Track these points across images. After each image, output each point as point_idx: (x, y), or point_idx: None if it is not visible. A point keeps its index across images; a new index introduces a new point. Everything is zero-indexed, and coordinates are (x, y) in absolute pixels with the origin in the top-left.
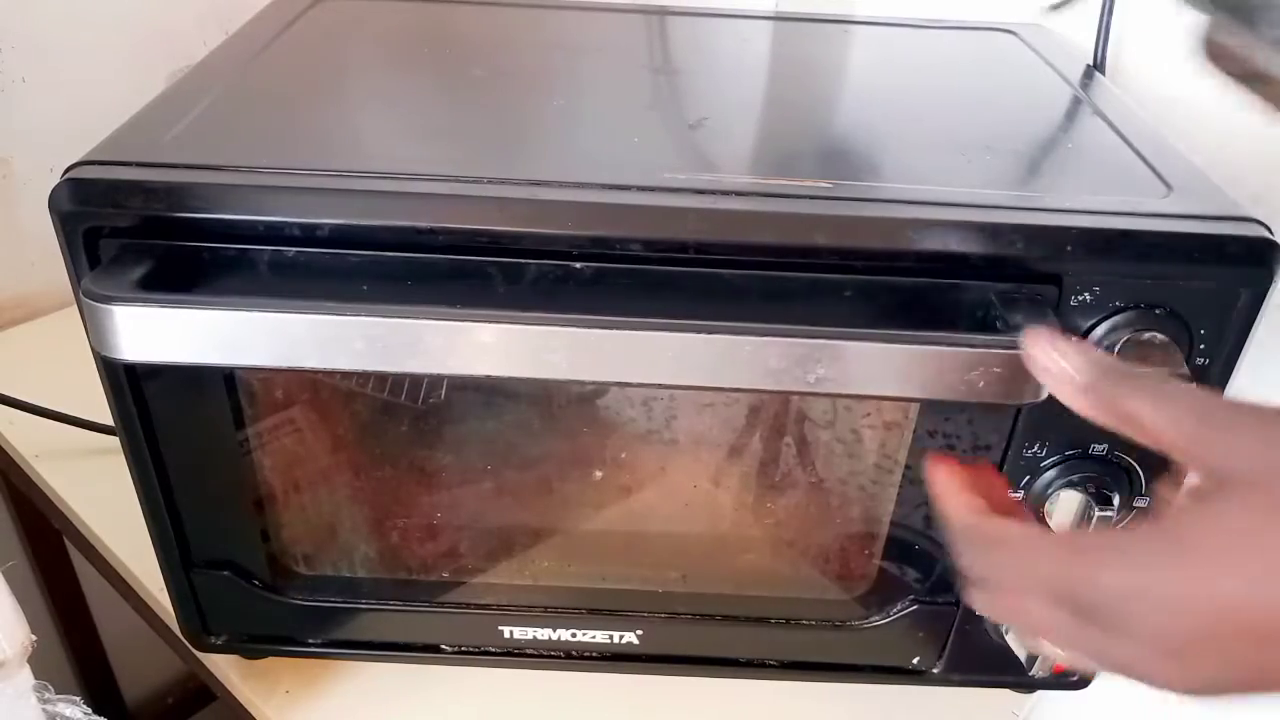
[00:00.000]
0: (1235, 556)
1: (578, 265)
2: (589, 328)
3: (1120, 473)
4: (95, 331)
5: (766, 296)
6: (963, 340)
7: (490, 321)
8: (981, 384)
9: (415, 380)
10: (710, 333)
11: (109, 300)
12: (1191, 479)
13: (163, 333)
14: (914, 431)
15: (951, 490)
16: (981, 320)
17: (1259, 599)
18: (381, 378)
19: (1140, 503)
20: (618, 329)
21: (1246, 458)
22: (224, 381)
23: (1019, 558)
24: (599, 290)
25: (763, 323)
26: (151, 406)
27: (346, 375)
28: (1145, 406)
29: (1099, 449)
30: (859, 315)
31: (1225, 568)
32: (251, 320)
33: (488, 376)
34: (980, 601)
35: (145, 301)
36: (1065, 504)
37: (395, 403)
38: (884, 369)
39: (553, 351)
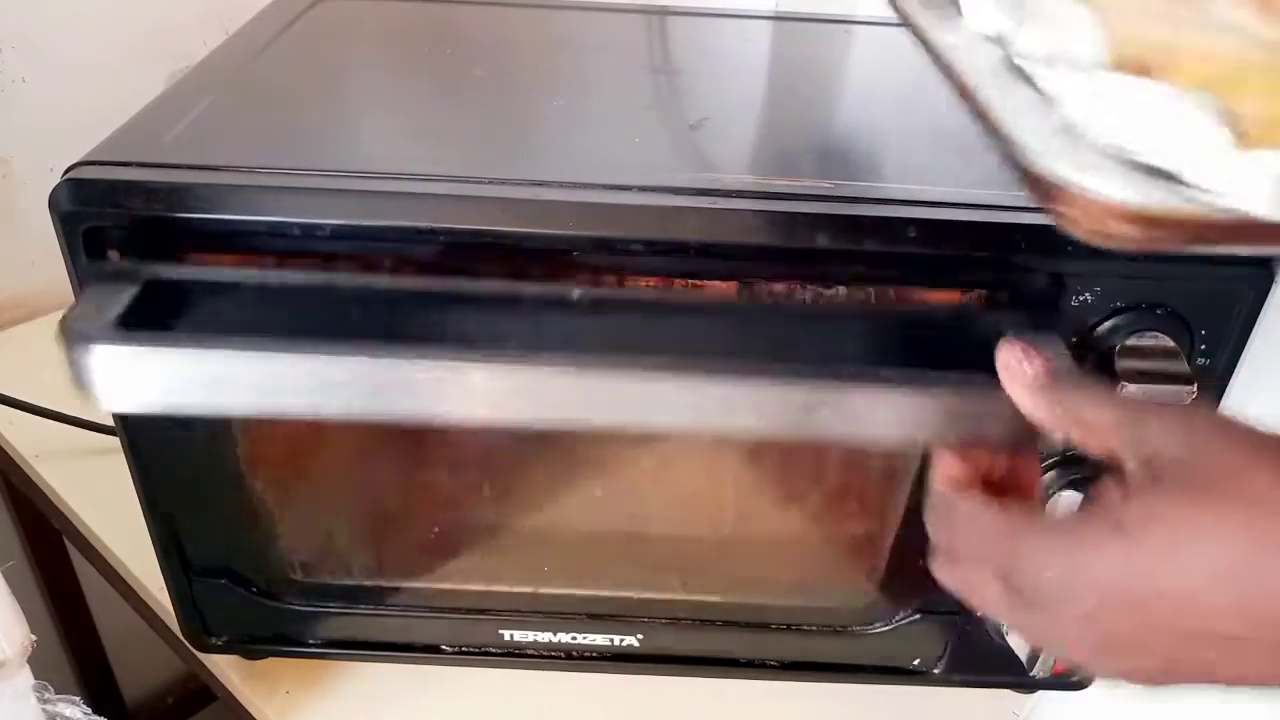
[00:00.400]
0: (1168, 547)
1: (575, 295)
2: (588, 372)
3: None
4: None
5: (765, 321)
6: (975, 385)
7: (484, 364)
8: (996, 430)
9: None
10: (713, 378)
11: (88, 341)
12: (1131, 473)
13: (140, 380)
14: None
15: (941, 461)
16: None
17: (1189, 591)
18: None
19: None
20: (620, 376)
21: (1175, 447)
22: None
23: (967, 531)
24: (595, 322)
25: (763, 354)
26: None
27: None
28: (1088, 407)
29: None
30: (866, 347)
31: (1159, 557)
32: (234, 363)
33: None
34: (936, 569)
35: (124, 341)
36: (1066, 504)
37: None
38: (892, 415)
39: (549, 396)
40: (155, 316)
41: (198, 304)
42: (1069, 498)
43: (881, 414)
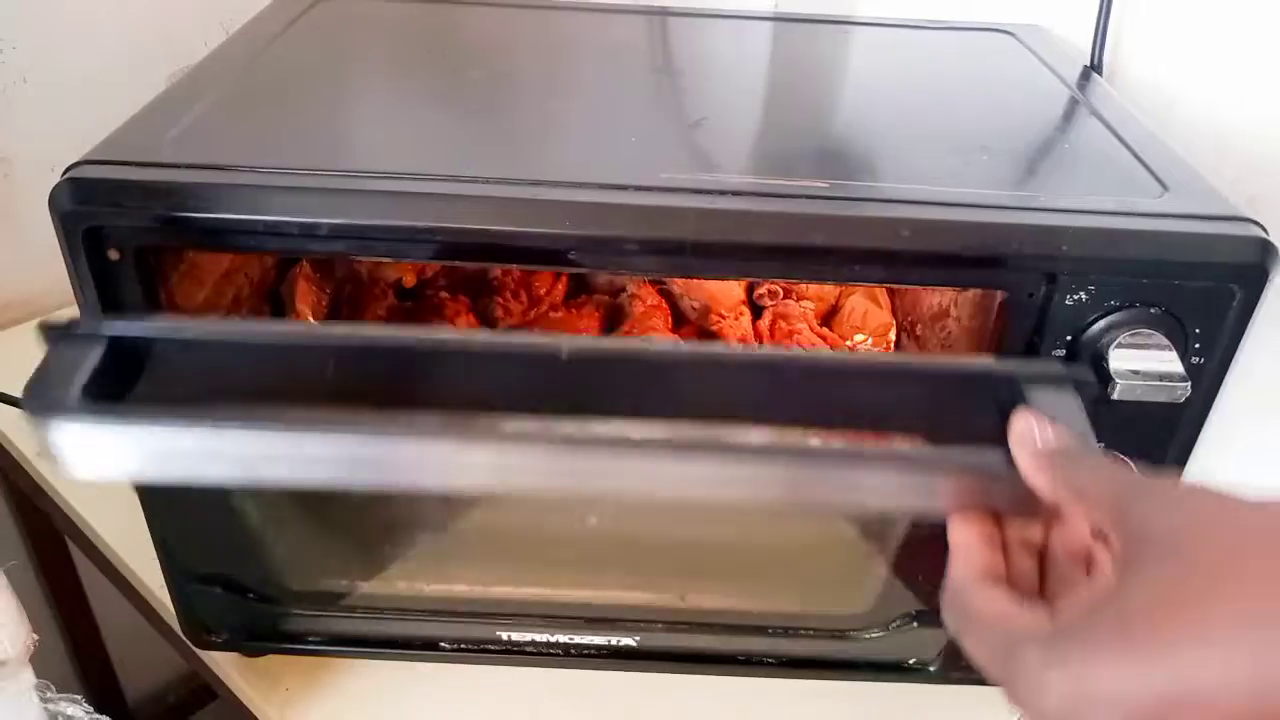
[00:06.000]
0: (1180, 657)
1: (564, 354)
2: (579, 451)
3: None
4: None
5: (754, 373)
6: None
7: (476, 443)
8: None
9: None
10: (715, 456)
11: (50, 415)
12: (1117, 551)
13: (107, 454)
14: None
15: (958, 555)
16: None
17: (1206, 698)
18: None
19: None
20: (614, 456)
21: (1167, 526)
22: None
23: (976, 636)
24: (584, 384)
25: (758, 417)
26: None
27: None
28: (1089, 479)
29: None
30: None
31: (1173, 671)
32: (203, 441)
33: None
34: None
35: (87, 418)
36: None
37: None
38: (894, 492)
39: (540, 474)
40: (124, 378)
41: (167, 362)
42: None
43: (884, 490)
